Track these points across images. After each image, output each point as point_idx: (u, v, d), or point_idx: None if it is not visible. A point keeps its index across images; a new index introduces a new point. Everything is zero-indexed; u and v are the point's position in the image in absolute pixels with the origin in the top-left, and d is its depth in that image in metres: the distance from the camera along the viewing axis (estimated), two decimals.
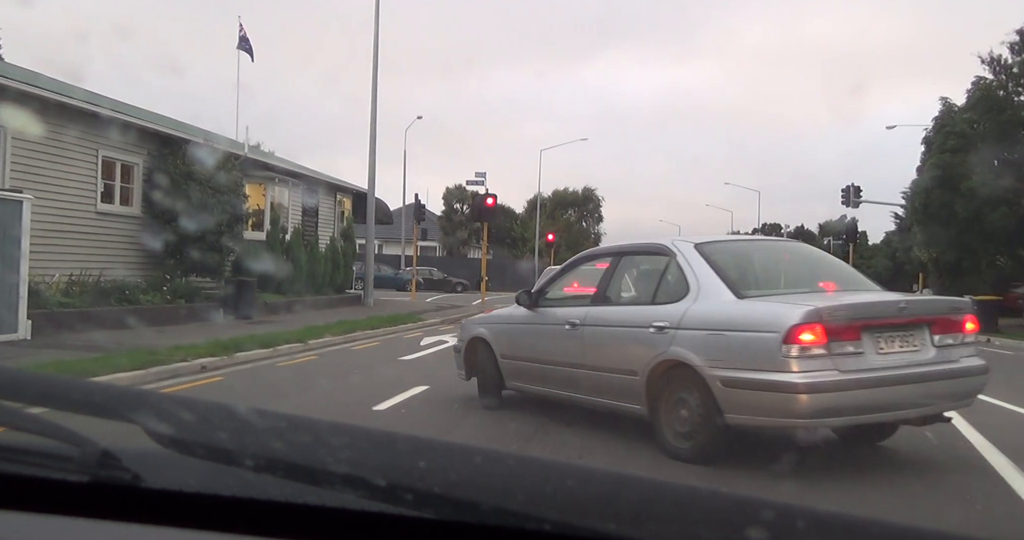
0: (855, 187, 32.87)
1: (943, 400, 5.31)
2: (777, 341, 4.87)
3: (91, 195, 14.76)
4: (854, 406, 4.91)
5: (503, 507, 0.87)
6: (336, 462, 0.94)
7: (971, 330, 5.49)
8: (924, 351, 5.22)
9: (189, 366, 9.22)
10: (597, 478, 0.92)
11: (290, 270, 19.23)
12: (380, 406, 7.56)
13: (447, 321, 21.30)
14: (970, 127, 25.12)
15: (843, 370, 4.87)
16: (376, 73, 22.15)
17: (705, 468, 5.16)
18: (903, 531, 0.82)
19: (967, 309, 5.63)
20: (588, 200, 68.42)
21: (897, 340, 5.16)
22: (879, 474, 5.27)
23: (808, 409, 4.86)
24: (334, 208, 26.12)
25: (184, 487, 1.00)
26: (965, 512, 4.46)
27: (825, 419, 5.03)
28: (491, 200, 27.01)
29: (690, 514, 0.87)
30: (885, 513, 3.62)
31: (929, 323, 5.28)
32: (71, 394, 1.17)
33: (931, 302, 5.94)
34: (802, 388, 4.80)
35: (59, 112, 13.46)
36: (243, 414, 1.04)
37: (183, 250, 15.59)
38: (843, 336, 4.91)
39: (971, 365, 5.40)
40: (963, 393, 5.40)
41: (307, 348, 12.22)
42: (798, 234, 72.17)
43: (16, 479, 1.03)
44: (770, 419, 5.03)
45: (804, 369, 4.83)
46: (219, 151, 16.67)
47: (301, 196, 23.49)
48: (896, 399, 5.03)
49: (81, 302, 12.76)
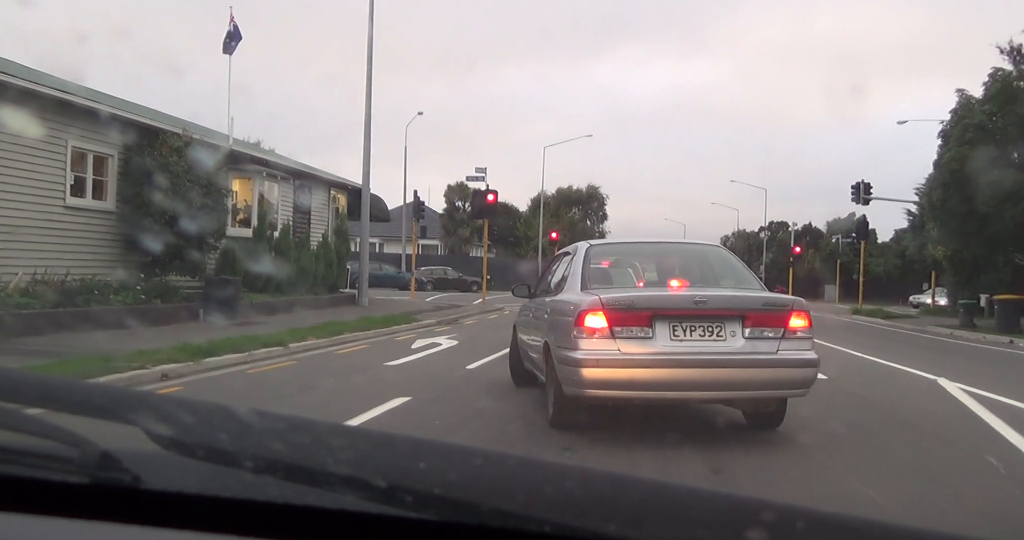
0: (865, 184, 32.26)
1: (759, 387, 5.94)
2: (572, 324, 5.93)
3: (59, 188, 13.94)
4: (635, 382, 5.79)
5: (503, 508, 0.88)
6: (336, 463, 0.95)
7: (799, 326, 5.95)
8: (732, 341, 5.84)
9: (148, 374, 8.58)
10: (597, 479, 0.94)
11: (279, 268, 18.21)
12: (348, 423, 6.53)
13: (444, 322, 20.40)
14: (989, 119, 24.21)
15: (625, 350, 5.77)
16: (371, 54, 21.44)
17: (705, 468, 5.30)
18: (903, 531, 0.83)
19: (788, 305, 6.12)
20: (592, 198, 68.02)
21: (698, 329, 5.85)
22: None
23: (589, 381, 5.78)
24: (328, 204, 25.23)
25: (184, 488, 1.01)
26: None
27: (608, 391, 5.88)
28: (492, 197, 26.38)
29: (690, 515, 0.88)
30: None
31: (741, 317, 5.89)
32: (71, 395, 1.18)
33: (739, 298, 6.39)
34: (583, 363, 5.75)
35: (23, 98, 12.52)
36: (243, 415, 1.05)
37: (161, 247, 14.54)
38: (629, 322, 5.81)
39: (791, 357, 5.88)
40: (785, 382, 5.95)
41: (286, 352, 11.65)
42: (805, 232, 71.06)
43: (16, 480, 1.04)
44: (574, 390, 5.89)
45: (588, 347, 5.79)
46: (201, 143, 15.62)
47: (293, 192, 22.53)
48: (686, 380, 5.80)
49: (43, 303, 11.74)
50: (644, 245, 8.90)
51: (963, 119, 24.87)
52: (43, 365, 8.28)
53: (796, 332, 5.93)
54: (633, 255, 8.14)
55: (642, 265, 7.82)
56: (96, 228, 15.19)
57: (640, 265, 7.83)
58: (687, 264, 7.57)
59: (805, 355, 5.95)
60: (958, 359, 14.99)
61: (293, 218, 22.73)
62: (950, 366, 12.52)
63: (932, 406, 8.50)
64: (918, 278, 58.87)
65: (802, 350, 5.95)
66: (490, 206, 26.33)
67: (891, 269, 59.29)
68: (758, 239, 75.82)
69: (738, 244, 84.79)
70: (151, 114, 17.07)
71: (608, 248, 8.55)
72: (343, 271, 24.65)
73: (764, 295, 6.52)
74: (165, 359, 9.08)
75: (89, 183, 15.11)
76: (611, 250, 8.38)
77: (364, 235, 23.25)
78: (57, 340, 10.60)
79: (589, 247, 7.42)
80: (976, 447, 6.17)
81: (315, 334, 13.27)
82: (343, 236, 25.09)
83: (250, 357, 10.53)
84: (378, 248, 58.27)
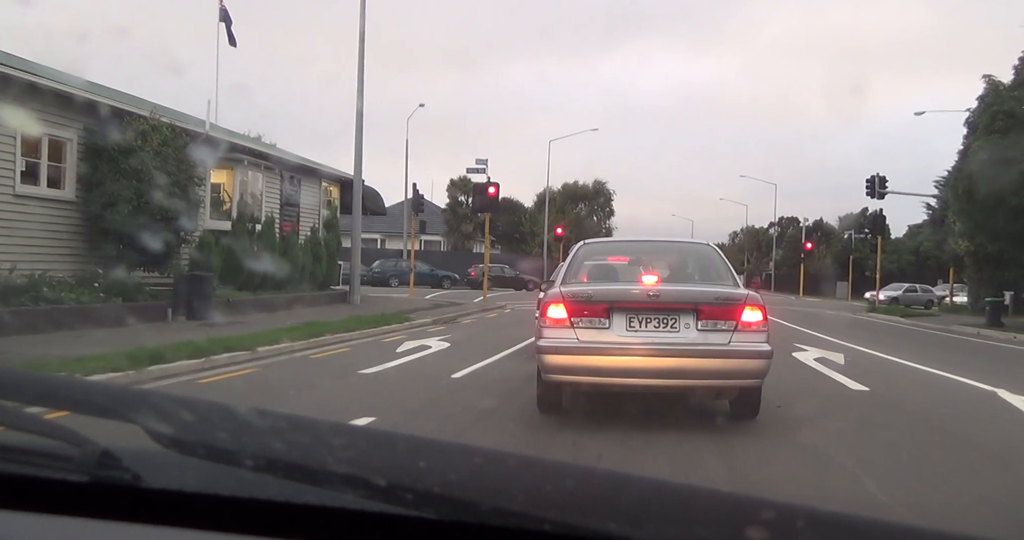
0: (880, 177, 31.34)
1: (712, 376, 6.36)
2: (538, 315, 6.90)
3: (7, 175, 12.56)
4: (592, 368, 6.36)
5: (503, 507, 0.90)
6: (336, 462, 0.97)
7: (753, 320, 6.32)
8: (685, 333, 6.32)
9: None
10: (597, 478, 0.96)
11: (261, 264, 16.84)
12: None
13: (440, 321, 19.04)
14: (1019, 106, 22.64)
15: (583, 339, 6.33)
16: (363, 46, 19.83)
17: (705, 469, 5.32)
18: (903, 531, 0.85)
19: (741, 299, 6.43)
20: (599, 194, 67.40)
21: (653, 321, 6.34)
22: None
23: (550, 366, 6.43)
24: (319, 196, 23.85)
25: (184, 487, 1.03)
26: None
27: (567, 376, 6.48)
28: (493, 189, 25.41)
29: (690, 514, 0.89)
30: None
31: (695, 310, 6.34)
32: (72, 394, 1.20)
33: (692, 292, 6.88)
34: (544, 349, 6.41)
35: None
36: (243, 414, 1.07)
37: (125, 240, 13.16)
38: (587, 313, 6.37)
39: (743, 349, 6.27)
40: (737, 372, 6.35)
41: (252, 358, 10.63)
42: (816, 228, 69.49)
43: (16, 479, 1.06)
44: (544, 375, 6.54)
45: (550, 336, 6.44)
46: (173, 127, 14.21)
47: (280, 183, 21.09)
48: (640, 367, 6.28)
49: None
50: (634, 243, 9.71)
51: (991, 106, 23.59)
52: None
53: (750, 326, 6.32)
54: (621, 253, 8.84)
55: (630, 262, 8.34)
56: (51, 219, 14.26)
57: (627, 262, 8.36)
58: (670, 261, 8.15)
59: (758, 347, 6.32)
60: (1009, 366, 13.53)
61: (281, 211, 21.37)
62: (1004, 374, 11.11)
63: (1003, 428, 7.13)
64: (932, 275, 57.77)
65: (755, 342, 6.32)
66: (491, 199, 25.18)
67: (904, 265, 57.89)
68: (767, 235, 74.25)
69: (747, 240, 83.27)
70: (116, 95, 15.88)
71: (599, 247, 9.35)
72: (335, 267, 23.16)
73: (717, 290, 6.85)
74: (104, 367, 8.20)
75: (43, 169, 13.97)
76: (602, 248, 9.19)
77: (356, 226, 21.92)
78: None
79: (581, 246, 8.30)
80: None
81: (292, 336, 12.40)
82: (334, 230, 23.59)
83: (207, 363, 9.68)
84: (380, 244, 57.20)
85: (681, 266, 8.06)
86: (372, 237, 59.16)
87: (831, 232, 70.06)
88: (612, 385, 6.68)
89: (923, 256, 57.72)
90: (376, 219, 57.08)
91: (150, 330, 12.56)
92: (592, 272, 7.91)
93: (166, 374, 8.64)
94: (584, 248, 8.21)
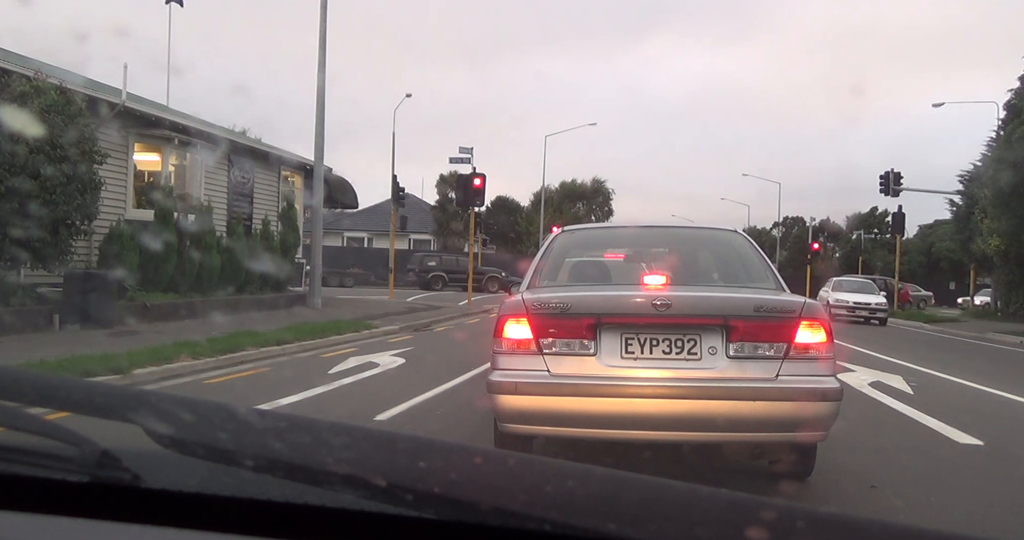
0: (895, 173, 29.15)
1: (751, 428, 4.38)
2: (493, 336, 4.70)
3: None
4: (570, 415, 4.41)
5: (503, 507, 0.89)
6: (336, 462, 0.96)
7: (813, 342, 4.35)
8: (710, 361, 4.36)
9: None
10: (597, 478, 0.94)
11: (190, 260, 13.93)
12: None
13: (409, 328, 16.30)
14: None
15: (556, 371, 4.41)
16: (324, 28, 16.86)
17: (705, 469, 5.06)
18: (903, 531, 0.83)
19: (795, 311, 4.42)
20: (597, 193, 65.51)
21: (662, 343, 4.41)
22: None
23: (507, 412, 4.48)
24: (277, 186, 20.88)
25: (184, 487, 1.03)
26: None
27: (531, 427, 4.57)
28: (479, 180, 22.96)
29: (690, 514, 0.88)
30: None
31: (724, 326, 4.38)
32: (71, 394, 1.18)
33: (720, 299, 4.70)
34: (498, 387, 4.42)
35: None
36: (243, 414, 1.06)
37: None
38: (563, 333, 4.43)
39: (799, 386, 4.28)
40: (790, 422, 4.35)
41: (124, 381, 8.05)
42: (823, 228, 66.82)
43: (16, 479, 1.06)
44: (501, 425, 4.63)
45: (507, 368, 4.47)
46: (64, 90, 11.33)
47: (229, 169, 18.14)
48: (643, 415, 4.33)
49: None
50: (632, 231, 6.87)
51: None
52: None
53: (809, 350, 4.36)
54: (615, 244, 6.69)
55: (627, 257, 6.56)
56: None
57: (624, 257, 6.56)
58: (684, 255, 6.03)
59: (821, 383, 4.33)
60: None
61: (229, 200, 18.40)
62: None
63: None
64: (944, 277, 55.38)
65: (817, 376, 4.35)
66: (477, 191, 22.99)
67: (915, 267, 55.31)
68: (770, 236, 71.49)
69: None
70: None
71: (584, 235, 6.79)
72: (291, 265, 20.03)
73: (756, 296, 4.78)
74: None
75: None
76: (587, 238, 6.70)
77: (317, 221, 18.92)
78: None
79: (559, 234, 6.17)
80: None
81: (198, 351, 9.93)
82: (291, 224, 20.46)
83: None
84: (367, 243, 54.49)
85: (700, 262, 6.03)
86: (359, 236, 56.36)
87: (838, 232, 67.97)
88: (602, 438, 4.72)
89: (935, 257, 55.17)
90: (365, 217, 54.36)
91: (19, 343, 10.27)
92: (573, 271, 5.99)
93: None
94: (563, 237, 6.01)
